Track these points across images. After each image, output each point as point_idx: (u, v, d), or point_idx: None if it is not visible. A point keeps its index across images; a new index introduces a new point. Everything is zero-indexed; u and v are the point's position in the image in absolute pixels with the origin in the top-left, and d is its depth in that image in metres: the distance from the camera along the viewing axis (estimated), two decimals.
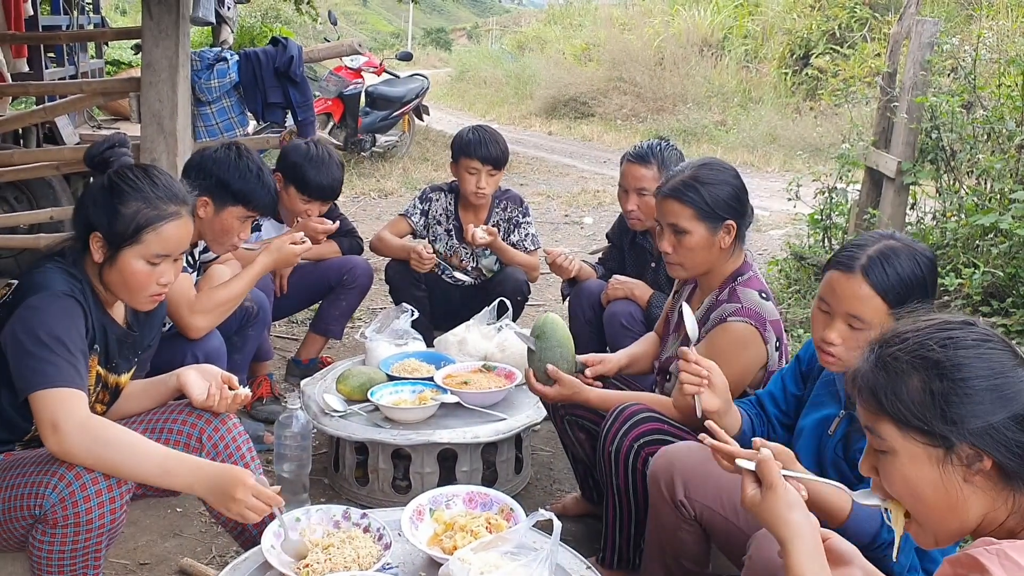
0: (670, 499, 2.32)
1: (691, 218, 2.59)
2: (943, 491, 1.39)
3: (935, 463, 1.38)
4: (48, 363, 2.03)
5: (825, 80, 13.30)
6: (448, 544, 2.18)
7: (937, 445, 1.37)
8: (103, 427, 2.06)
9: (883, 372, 1.42)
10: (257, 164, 3.15)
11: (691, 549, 2.35)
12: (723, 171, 2.64)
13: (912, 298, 1.94)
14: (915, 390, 1.38)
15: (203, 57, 4.84)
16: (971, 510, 1.39)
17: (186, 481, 2.09)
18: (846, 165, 5.97)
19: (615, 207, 8.57)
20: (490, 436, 3.04)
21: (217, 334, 3.11)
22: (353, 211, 8.29)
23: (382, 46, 27.04)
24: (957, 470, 1.37)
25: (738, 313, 2.52)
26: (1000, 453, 1.34)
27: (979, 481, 1.37)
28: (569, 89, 16.88)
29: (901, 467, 1.42)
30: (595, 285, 3.73)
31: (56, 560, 2.06)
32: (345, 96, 10.13)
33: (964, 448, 1.36)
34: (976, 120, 5.18)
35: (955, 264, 4.80)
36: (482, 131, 4.04)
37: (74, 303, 2.14)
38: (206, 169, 3.07)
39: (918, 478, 1.40)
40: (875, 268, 2.00)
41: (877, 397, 1.42)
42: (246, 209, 3.08)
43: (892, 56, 5.86)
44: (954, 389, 1.36)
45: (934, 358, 1.38)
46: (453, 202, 4.15)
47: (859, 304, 2.01)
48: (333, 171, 3.85)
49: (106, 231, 2.20)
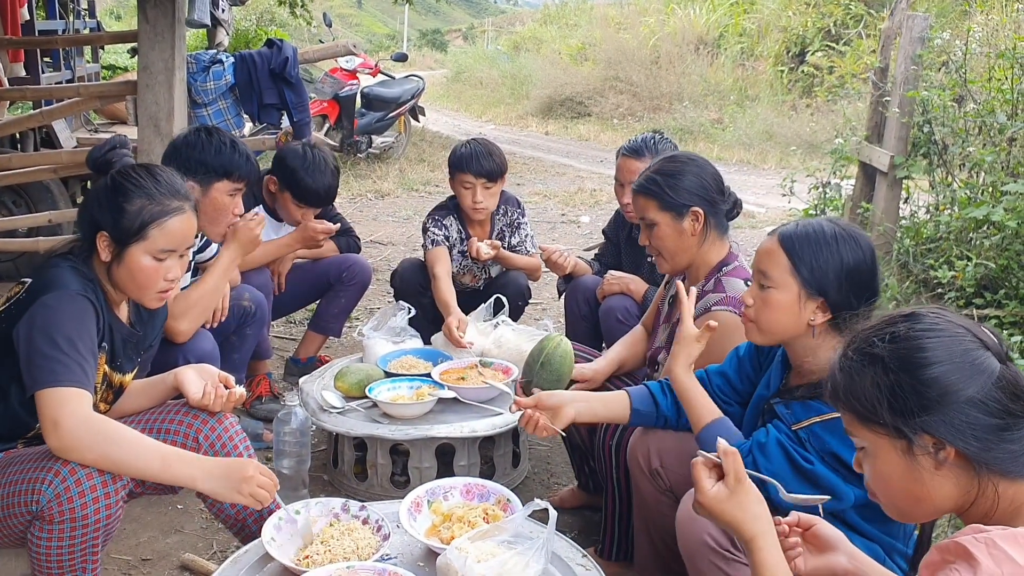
0: (647, 469, 2.41)
1: (656, 209, 2.66)
2: (912, 481, 1.41)
3: (902, 455, 1.40)
4: (58, 362, 2.06)
5: (821, 77, 13.35)
6: (446, 535, 2.20)
7: (899, 438, 1.40)
8: (104, 424, 2.09)
9: (842, 374, 1.47)
10: (229, 137, 3.18)
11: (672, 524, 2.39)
12: (686, 162, 2.69)
13: (829, 274, 2.02)
14: (867, 386, 1.42)
15: (199, 59, 4.87)
16: (941, 498, 1.40)
17: (188, 474, 2.11)
18: (839, 160, 6.00)
19: (612, 206, 8.60)
20: (487, 430, 3.07)
21: (209, 337, 3.12)
22: (350, 212, 8.31)
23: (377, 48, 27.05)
24: (925, 460, 1.38)
25: (722, 303, 2.57)
26: (961, 440, 1.35)
27: (948, 470, 1.38)
28: (565, 89, 16.90)
29: (874, 462, 1.46)
30: (591, 281, 3.75)
31: (55, 556, 2.09)
32: (341, 98, 10.15)
33: (924, 439, 1.37)
34: (967, 114, 5.22)
35: (948, 257, 4.83)
36: (475, 144, 3.99)
37: (87, 303, 2.17)
38: (182, 155, 3.10)
39: (889, 471, 1.43)
40: (789, 231, 2.10)
41: (841, 398, 1.47)
42: (231, 181, 3.12)
43: (884, 51, 5.89)
44: (900, 382, 1.38)
45: (878, 354, 1.41)
46: (460, 222, 4.13)
47: (768, 259, 2.10)
48: (328, 177, 3.84)
49: (112, 229, 2.23)
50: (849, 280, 2.03)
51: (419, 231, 4.45)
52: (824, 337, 2.08)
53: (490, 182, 3.93)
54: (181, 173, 2.76)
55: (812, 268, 2.04)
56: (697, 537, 2.06)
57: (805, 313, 2.06)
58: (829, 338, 2.07)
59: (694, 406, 2.24)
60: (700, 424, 2.21)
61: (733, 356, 2.39)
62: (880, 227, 5.36)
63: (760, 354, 2.33)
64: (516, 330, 3.55)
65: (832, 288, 2.03)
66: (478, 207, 3.95)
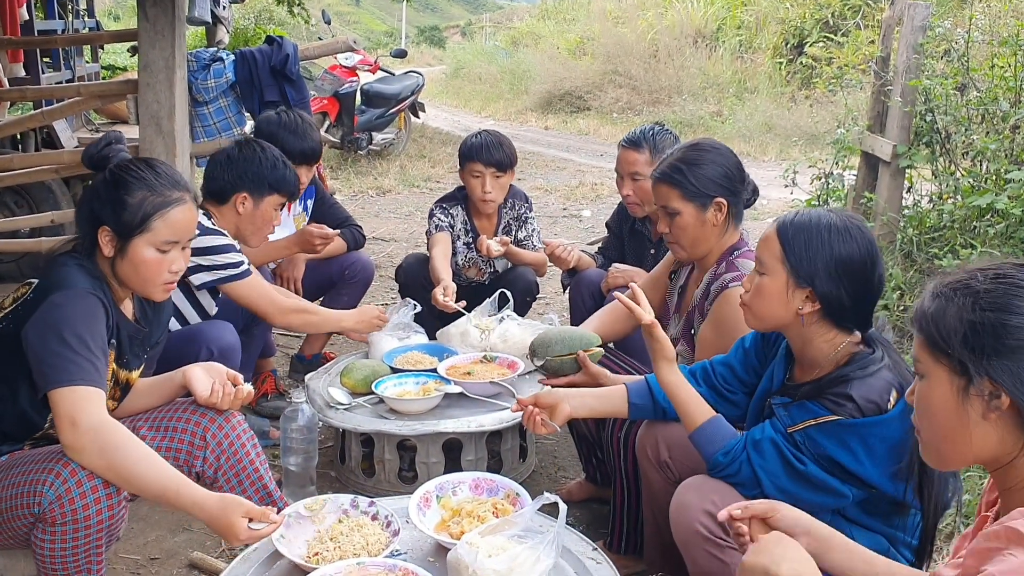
0: (655, 461, 2.41)
1: (680, 199, 2.65)
2: (956, 421, 1.41)
3: (956, 392, 1.40)
4: (71, 361, 2.05)
5: (819, 68, 13.33)
6: (455, 530, 2.20)
7: (960, 374, 1.39)
8: (119, 433, 2.05)
9: (931, 298, 1.46)
10: (279, 152, 3.39)
11: None
12: (710, 151, 2.69)
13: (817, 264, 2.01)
14: (952, 316, 1.41)
15: (199, 57, 4.85)
16: (980, 446, 1.40)
17: (185, 508, 2.06)
18: (842, 150, 5.98)
19: (613, 200, 8.59)
20: (494, 424, 3.06)
21: (232, 330, 3.14)
22: (352, 209, 8.25)
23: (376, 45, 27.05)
24: (976, 404, 1.38)
25: (738, 279, 2.56)
26: (1022, 393, 1.34)
27: (995, 419, 1.38)
28: (564, 84, 16.88)
29: (927, 390, 1.45)
30: (595, 274, 3.74)
31: (59, 558, 2.08)
32: (341, 95, 10.12)
33: (985, 383, 1.37)
34: (970, 102, 5.20)
35: (953, 245, 4.82)
36: (486, 135, 4.02)
37: (96, 301, 2.17)
38: (238, 168, 3.27)
39: (938, 406, 1.43)
40: (787, 219, 2.11)
41: (919, 320, 1.46)
42: (280, 196, 3.33)
43: (885, 40, 5.88)
44: (985, 320, 1.37)
45: (978, 288, 1.40)
46: (467, 213, 4.14)
47: (764, 246, 2.11)
48: (310, 133, 3.90)
49: (114, 223, 2.23)
50: (840, 271, 2.01)
51: (421, 228, 4.45)
52: (816, 328, 2.07)
53: (500, 172, 3.96)
54: (235, 184, 3.21)
55: (800, 257, 2.04)
56: (690, 526, 2.08)
57: (793, 302, 2.06)
58: (822, 329, 2.07)
59: (685, 406, 2.22)
60: (693, 424, 2.20)
61: (739, 347, 2.38)
62: (883, 217, 5.35)
63: (766, 345, 2.33)
64: (521, 324, 3.54)
65: (821, 278, 2.01)
66: (487, 197, 3.97)
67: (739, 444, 2.11)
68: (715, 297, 2.61)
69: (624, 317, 3.03)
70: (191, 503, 2.03)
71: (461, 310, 3.59)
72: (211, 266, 3.13)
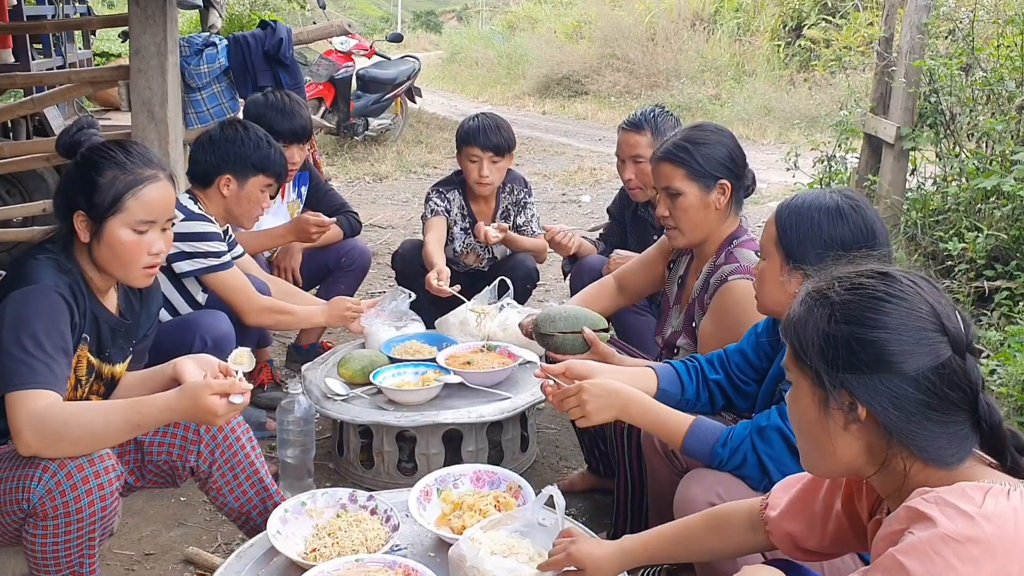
0: (662, 451, 2.35)
1: (683, 178, 2.60)
2: (820, 430, 1.40)
3: (818, 403, 1.39)
4: (23, 363, 1.99)
5: (818, 51, 13.23)
6: (457, 524, 2.15)
7: (820, 386, 1.37)
8: (58, 411, 1.99)
9: (799, 305, 1.43)
10: (263, 132, 3.34)
11: None
12: (715, 132, 2.65)
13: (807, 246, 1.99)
14: (810, 327, 1.39)
15: (192, 43, 4.78)
16: (847, 455, 1.39)
17: (158, 421, 2.05)
18: (844, 133, 5.92)
19: (612, 185, 8.52)
20: (495, 415, 3.01)
21: (227, 319, 3.09)
22: (348, 196, 8.19)
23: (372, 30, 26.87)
24: (837, 415, 1.37)
25: (738, 271, 2.52)
26: (879, 406, 1.32)
27: (858, 431, 1.36)
28: (561, 68, 16.77)
29: (794, 399, 1.45)
30: (596, 260, 3.68)
31: (51, 553, 2.03)
32: (336, 80, 10.04)
33: (842, 394, 1.35)
34: (975, 82, 5.14)
35: (958, 228, 4.76)
36: (484, 118, 3.97)
37: (58, 298, 2.10)
38: (220, 149, 3.23)
39: (803, 413, 1.42)
40: (786, 201, 2.09)
41: (786, 328, 1.44)
42: (266, 176, 3.28)
43: (888, 21, 5.81)
44: (839, 333, 1.35)
45: (832, 299, 1.38)
46: (463, 198, 4.07)
47: (764, 230, 2.09)
48: (298, 111, 3.85)
49: (87, 206, 2.16)
50: (831, 253, 1.95)
51: (418, 214, 4.40)
52: None
53: (497, 156, 3.91)
54: (218, 166, 3.16)
55: (791, 239, 2.02)
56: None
57: (789, 285, 2.02)
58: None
59: (665, 424, 2.13)
60: (679, 435, 2.10)
61: (751, 333, 2.32)
62: (887, 199, 5.30)
63: (777, 330, 2.27)
64: (521, 312, 3.48)
65: (813, 261, 1.92)
66: (483, 181, 3.91)
67: (740, 432, 2.05)
68: (715, 290, 2.56)
69: (607, 296, 2.98)
70: (158, 412, 2.01)
71: (456, 294, 3.54)
72: (193, 253, 3.10)
